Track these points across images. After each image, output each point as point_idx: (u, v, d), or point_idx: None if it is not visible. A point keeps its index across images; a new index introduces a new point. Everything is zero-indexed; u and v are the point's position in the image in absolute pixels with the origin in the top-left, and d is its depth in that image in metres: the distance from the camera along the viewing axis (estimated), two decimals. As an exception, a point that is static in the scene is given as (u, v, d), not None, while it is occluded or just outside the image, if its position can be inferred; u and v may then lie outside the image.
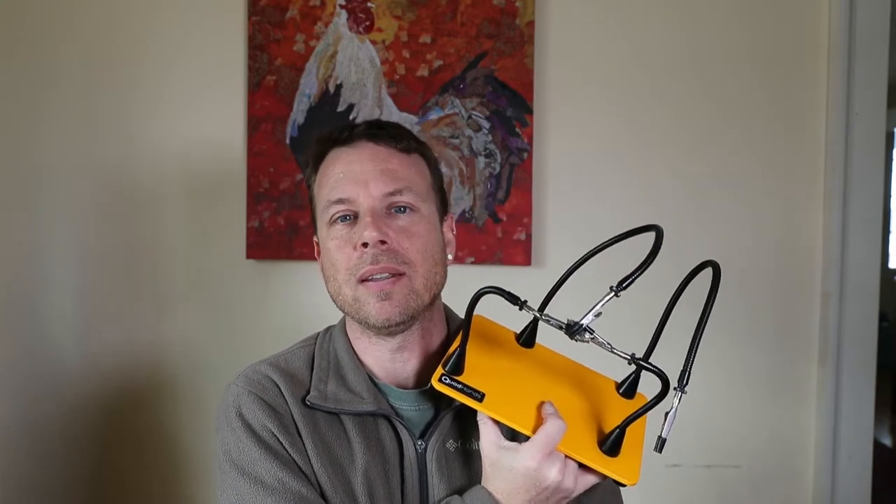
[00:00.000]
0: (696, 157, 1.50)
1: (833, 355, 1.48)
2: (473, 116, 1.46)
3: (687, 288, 0.75)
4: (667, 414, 0.69)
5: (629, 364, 0.71)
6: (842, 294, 1.48)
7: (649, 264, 0.67)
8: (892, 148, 4.38)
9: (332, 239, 0.81)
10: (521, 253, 1.46)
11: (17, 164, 1.47)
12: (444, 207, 0.88)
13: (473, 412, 0.75)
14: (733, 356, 1.51)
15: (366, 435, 0.80)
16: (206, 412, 1.49)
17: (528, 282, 1.48)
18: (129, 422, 1.49)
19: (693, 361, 0.68)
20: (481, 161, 1.46)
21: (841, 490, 1.49)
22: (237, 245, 1.47)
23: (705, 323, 0.68)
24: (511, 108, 1.46)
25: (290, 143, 1.45)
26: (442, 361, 0.76)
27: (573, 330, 0.70)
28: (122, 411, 1.50)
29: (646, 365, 0.70)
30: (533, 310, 0.73)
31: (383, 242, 0.78)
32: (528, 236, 1.46)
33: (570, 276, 0.79)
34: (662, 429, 0.70)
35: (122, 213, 1.48)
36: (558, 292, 0.77)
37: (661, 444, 0.70)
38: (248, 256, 1.46)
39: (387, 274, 0.78)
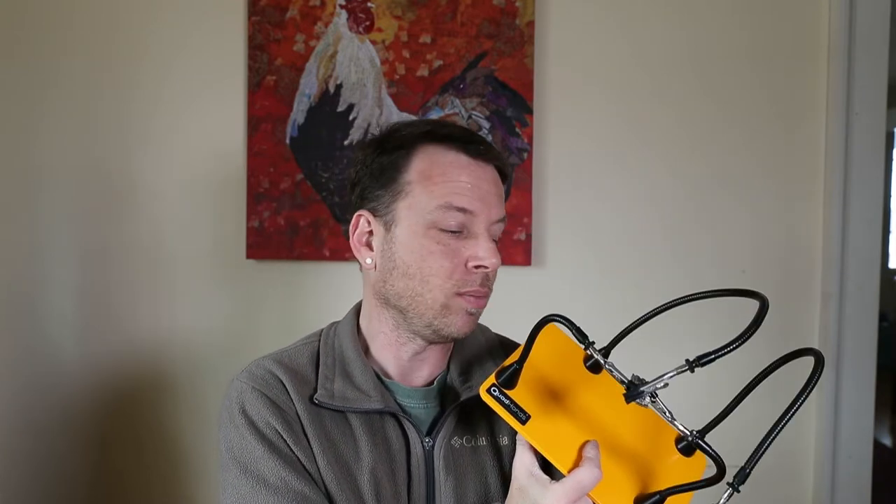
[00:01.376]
0: (696, 157, 1.50)
1: (833, 355, 1.48)
2: (473, 116, 1.46)
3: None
4: None
5: (688, 440, 0.67)
6: (842, 294, 1.48)
7: (740, 345, 0.59)
8: (892, 148, 4.38)
9: (436, 243, 0.78)
10: (521, 253, 1.46)
11: (17, 164, 1.47)
12: None
13: (479, 408, 0.74)
14: (733, 356, 1.50)
15: (372, 433, 0.80)
16: (206, 412, 1.49)
17: (528, 282, 1.48)
18: (129, 421, 1.49)
19: (758, 461, 0.63)
20: (481, 161, 1.46)
21: (841, 490, 1.49)
22: (237, 245, 1.47)
23: (787, 421, 0.63)
24: (511, 108, 1.46)
25: (290, 143, 1.45)
26: (496, 371, 0.73)
27: (633, 394, 0.65)
28: (121, 411, 1.50)
29: (704, 445, 0.66)
30: (598, 353, 0.70)
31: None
32: (528, 236, 1.46)
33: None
34: None
35: (122, 213, 1.48)
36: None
37: None
38: (248, 256, 1.46)
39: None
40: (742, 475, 0.64)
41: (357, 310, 0.89)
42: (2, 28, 1.46)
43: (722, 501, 0.64)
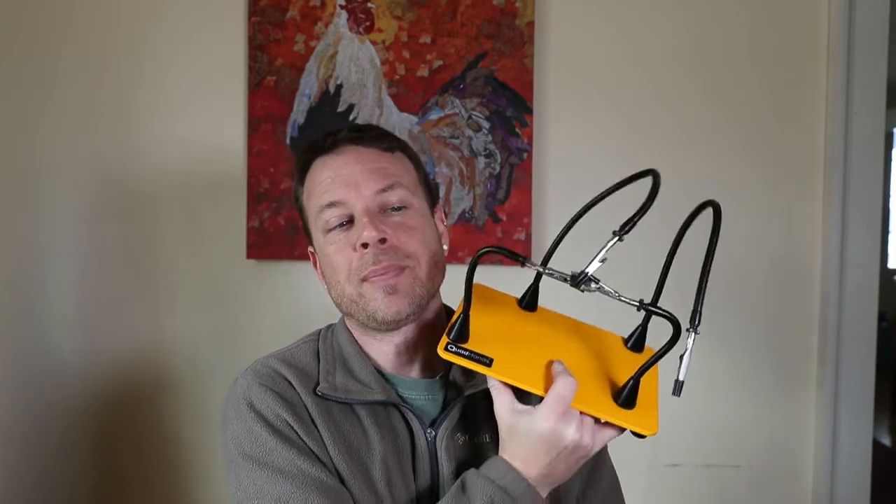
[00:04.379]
0: (696, 157, 1.50)
1: (833, 355, 1.48)
2: (473, 116, 1.46)
3: (691, 241, 0.75)
4: (681, 357, 0.68)
5: (638, 310, 0.70)
6: (841, 294, 1.48)
7: (649, 207, 0.66)
8: (892, 148, 4.38)
9: (330, 244, 0.81)
10: (520, 253, 1.46)
11: (18, 164, 1.47)
12: (432, 200, 0.89)
13: (481, 405, 0.75)
14: (733, 356, 1.51)
15: (379, 424, 0.80)
16: (206, 411, 1.49)
17: (528, 281, 1.47)
18: (130, 421, 1.49)
19: (703, 300, 0.67)
20: (481, 161, 1.46)
21: (841, 490, 1.49)
22: (237, 245, 1.47)
23: (711, 260, 0.68)
24: (511, 108, 1.46)
25: (290, 144, 1.45)
26: (446, 330, 0.75)
27: (579, 280, 0.68)
28: (122, 411, 1.50)
29: (655, 309, 0.69)
30: (536, 265, 0.72)
31: (383, 241, 0.78)
32: (528, 236, 1.46)
33: (569, 233, 0.80)
34: (679, 371, 0.68)
35: (122, 213, 1.48)
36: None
37: (679, 387, 0.69)
38: (248, 256, 1.46)
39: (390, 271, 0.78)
40: (696, 316, 0.67)
41: None
42: (2, 28, 1.46)
43: (690, 345, 0.67)
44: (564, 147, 1.50)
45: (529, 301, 0.84)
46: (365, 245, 0.78)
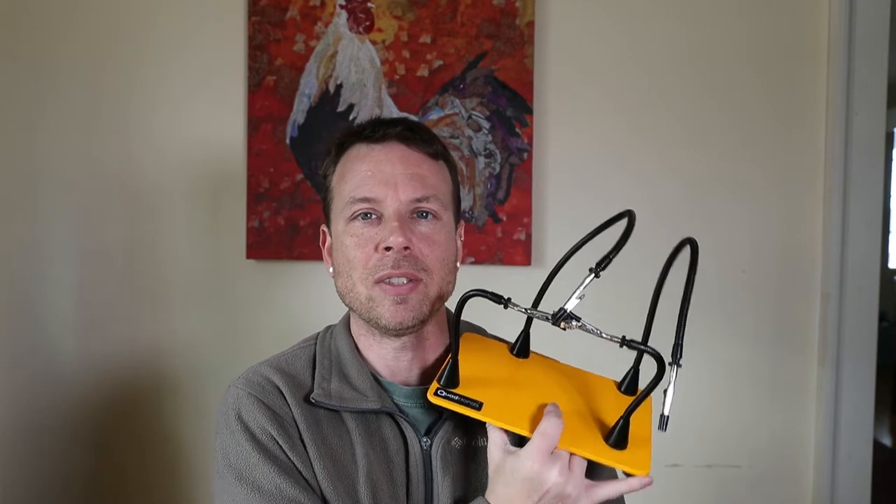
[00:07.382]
0: (696, 157, 1.50)
1: (833, 355, 1.48)
2: (473, 116, 1.46)
3: (676, 280, 0.75)
4: (665, 391, 0.68)
5: (620, 346, 0.70)
6: (841, 294, 1.48)
7: (623, 245, 0.67)
8: (892, 148, 4.38)
9: (350, 236, 0.80)
10: (521, 253, 1.46)
11: (17, 164, 1.47)
12: (458, 215, 0.89)
13: None
14: (733, 356, 1.51)
15: (369, 434, 0.80)
16: (206, 411, 1.49)
17: (528, 281, 1.47)
18: (129, 421, 1.49)
19: (683, 334, 0.68)
20: (481, 161, 1.46)
21: (841, 490, 1.49)
22: (237, 245, 1.47)
23: (689, 295, 0.68)
24: (511, 108, 1.46)
25: (290, 143, 1.45)
26: (437, 376, 0.76)
27: (559, 317, 0.69)
28: (121, 411, 1.50)
29: (637, 345, 0.70)
30: (518, 306, 0.73)
31: (406, 248, 0.78)
32: (528, 236, 1.46)
33: (556, 276, 0.81)
34: (663, 406, 0.69)
35: (122, 213, 1.48)
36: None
37: (664, 422, 0.69)
38: (248, 256, 1.46)
39: (404, 279, 0.78)
40: (677, 349, 0.67)
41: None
42: (2, 28, 1.46)
43: (673, 379, 0.68)
44: (564, 147, 1.49)
45: (521, 348, 0.84)
46: (388, 248, 0.77)
